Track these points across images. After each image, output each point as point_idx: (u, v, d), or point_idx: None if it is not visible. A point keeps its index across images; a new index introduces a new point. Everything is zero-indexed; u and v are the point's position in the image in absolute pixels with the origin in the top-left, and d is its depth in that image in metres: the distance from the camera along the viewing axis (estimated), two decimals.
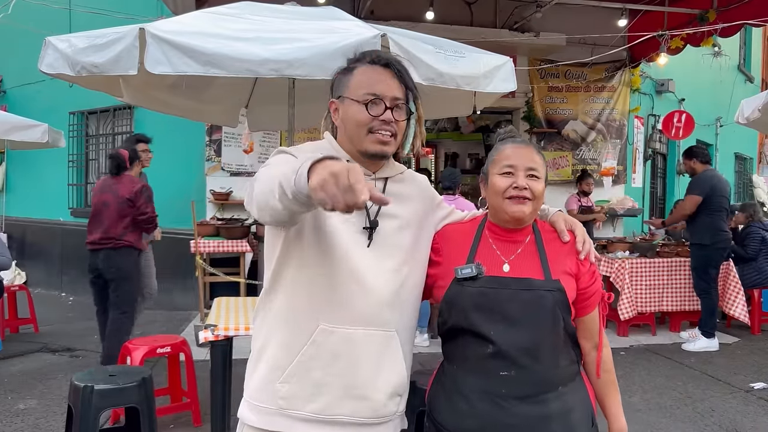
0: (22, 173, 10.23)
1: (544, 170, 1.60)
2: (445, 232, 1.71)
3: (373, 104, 1.50)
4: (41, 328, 6.51)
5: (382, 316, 1.54)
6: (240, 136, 7.24)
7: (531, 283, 1.53)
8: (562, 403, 1.53)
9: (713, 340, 5.97)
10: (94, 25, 4.71)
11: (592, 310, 1.63)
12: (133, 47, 3.34)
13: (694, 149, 6.29)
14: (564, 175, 8.75)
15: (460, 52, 3.90)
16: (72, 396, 2.87)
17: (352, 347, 1.51)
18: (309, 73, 3.30)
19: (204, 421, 3.86)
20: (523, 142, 1.66)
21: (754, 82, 15.36)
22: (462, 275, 1.55)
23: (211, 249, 6.18)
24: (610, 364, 1.68)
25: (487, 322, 1.52)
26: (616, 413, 1.68)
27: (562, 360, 1.56)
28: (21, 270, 9.32)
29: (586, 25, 7.76)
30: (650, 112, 10.27)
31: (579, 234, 1.64)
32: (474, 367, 1.56)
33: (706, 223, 5.92)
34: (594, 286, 1.61)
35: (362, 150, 1.54)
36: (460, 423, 1.55)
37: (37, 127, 6.31)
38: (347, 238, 1.51)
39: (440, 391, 1.63)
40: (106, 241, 4.74)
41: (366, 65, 1.55)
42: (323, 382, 1.51)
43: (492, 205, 1.63)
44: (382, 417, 1.57)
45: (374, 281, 1.52)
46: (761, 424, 4.13)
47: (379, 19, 6.86)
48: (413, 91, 1.55)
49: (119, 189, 4.75)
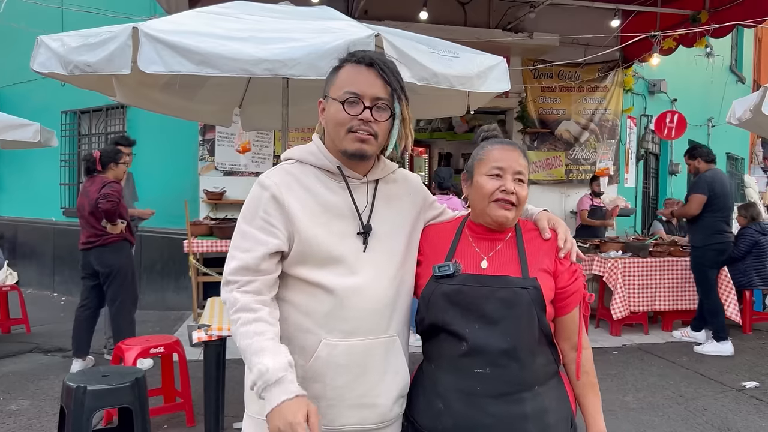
0: (13, 173, 10.17)
1: (528, 173, 1.60)
2: (427, 232, 1.70)
3: (352, 103, 1.48)
4: (33, 328, 6.48)
5: (384, 323, 1.54)
6: (234, 135, 7.23)
7: (507, 281, 1.51)
8: (538, 402, 1.51)
9: (725, 344, 5.79)
10: (87, 24, 4.69)
11: (572, 310, 1.59)
12: (126, 46, 3.32)
13: (697, 149, 6.15)
14: (557, 175, 8.78)
15: (453, 52, 3.90)
16: (65, 396, 2.85)
17: (357, 358, 1.50)
18: (303, 73, 3.29)
19: (197, 421, 3.86)
20: (510, 142, 1.63)
21: (745, 83, 15.46)
22: (439, 273, 1.54)
23: (204, 249, 6.16)
24: (590, 366, 1.64)
25: (462, 320, 1.51)
26: (594, 416, 1.63)
27: (538, 359, 1.53)
28: (13, 270, 9.28)
29: (579, 26, 7.79)
30: (643, 112, 10.33)
31: (561, 232, 1.62)
32: (449, 365, 1.55)
33: (702, 224, 5.89)
34: (573, 286, 1.57)
35: (342, 149, 1.52)
36: (436, 422, 1.53)
37: (29, 126, 6.26)
38: (342, 249, 1.50)
39: (418, 390, 1.62)
40: (94, 239, 4.89)
41: (351, 65, 1.53)
42: (329, 396, 1.50)
43: (475, 206, 1.61)
44: (388, 421, 1.58)
45: (374, 290, 1.52)
46: (753, 422, 4.15)
47: (372, 19, 6.87)
48: (398, 91, 1.52)
49: (90, 192, 4.86)
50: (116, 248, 4.94)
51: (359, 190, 1.57)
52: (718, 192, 5.80)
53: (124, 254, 5.01)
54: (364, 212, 1.55)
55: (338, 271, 1.49)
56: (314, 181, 1.54)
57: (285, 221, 1.47)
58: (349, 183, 1.55)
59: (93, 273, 4.96)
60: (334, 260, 1.49)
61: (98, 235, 4.87)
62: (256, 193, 1.51)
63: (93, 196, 4.79)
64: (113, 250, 4.92)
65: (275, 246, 1.47)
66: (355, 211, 1.54)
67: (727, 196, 5.90)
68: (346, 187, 1.55)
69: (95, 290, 5.03)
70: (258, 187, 1.52)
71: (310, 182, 1.53)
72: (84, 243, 4.93)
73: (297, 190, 1.51)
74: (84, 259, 4.98)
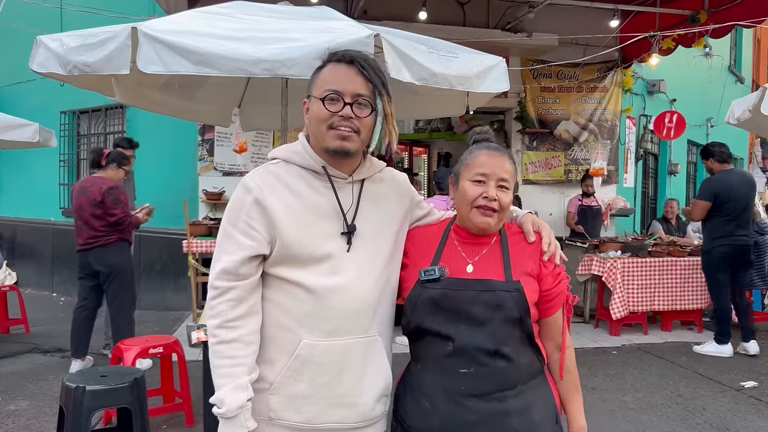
0: (12, 173, 10.16)
1: (514, 179, 1.61)
2: (413, 234, 1.72)
3: (332, 100, 1.49)
4: (32, 328, 6.47)
5: (365, 323, 1.54)
6: (233, 135, 7.23)
7: (491, 284, 1.53)
8: (521, 400, 1.53)
9: (724, 347, 5.77)
10: (86, 24, 4.69)
11: (556, 312, 1.62)
12: (126, 46, 3.32)
13: (709, 147, 5.95)
14: (556, 175, 8.78)
15: (453, 52, 3.90)
16: (63, 397, 2.85)
17: (337, 357, 1.52)
18: (302, 73, 3.29)
19: (196, 421, 3.86)
20: (498, 148, 1.64)
21: (744, 83, 15.47)
22: (425, 277, 1.56)
23: (203, 249, 6.16)
24: (573, 366, 1.68)
25: (447, 322, 1.53)
26: (576, 414, 1.67)
27: (522, 359, 1.56)
28: (12, 270, 9.26)
29: (578, 26, 7.79)
30: (642, 112, 10.33)
31: (545, 235, 1.63)
32: (435, 365, 1.57)
33: (708, 227, 5.85)
34: (557, 288, 1.60)
35: (324, 147, 1.53)
36: (423, 422, 1.55)
37: (28, 126, 6.25)
38: (325, 249, 1.51)
39: (406, 390, 1.63)
40: (93, 240, 4.89)
41: (332, 64, 1.55)
42: (310, 394, 1.52)
43: (459, 211, 1.63)
44: (370, 420, 1.59)
45: (357, 290, 1.52)
46: (751, 422, 4.16)
47: (372, 19, 6.87)
48: (379, 88, 1.52)
49: (90, 192, 4.86)
50: (116, 248, 4.96)
51: (344, 190, 1.58)
52: (723, 197, 5.65)
53: (124, 254, 5.03)
54: (348, 212, 1.56)
55: (320, 271, 1.50)
56: (299, 181, 1.55)
57: (267, 225, 1.49)
58: (334, 183, 1.56)
59: (91, 273, 4.96)
60: (317, 260, 1.51)
61: (98, 236, 4.88)
62: (240, 196, 1.53)
63: (94, 197, 4.81)
64: (113, 250, 4.94)
65: (254, 250, 1.49)
66: (340, 211, 1.55)
67: (737, 199, 5.67)
68: (331, 186, 1.56)
69: (93, 290, 5.04)
70: (242, 189, 1.53)
71: (294, 182, 1.54)
72: (83, 244, 4.92)
73: (280, 191, 1.52)
74: (82, 260, 4.97)
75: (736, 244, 5.74)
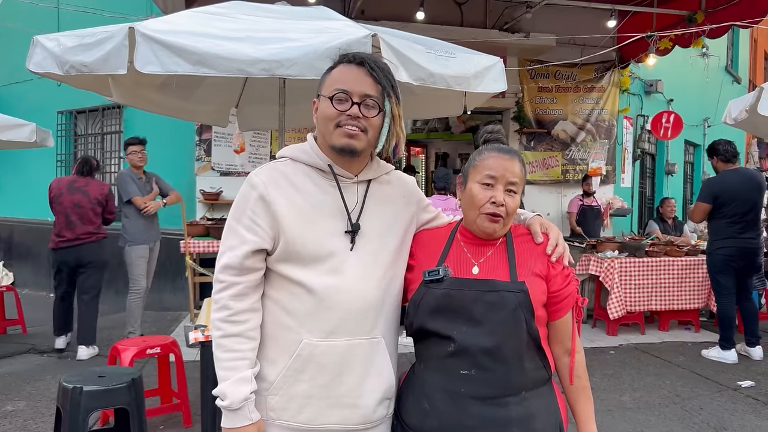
0: (9, 173, 10.14)
1: (523, 183, 1.59)
2: (420, 237, 1.71)
3: (340, 99, 1.50)
4: (29, 329, 6.47)
5: (368, 324, 1.54)
6: (230, 135, 7.22)
7: (495, 285, 1.51)
8: (524, 408, 1.50)
9: (728, 353, 5.58)
10: (83, 24, 4.68)
11: (565, 314, 1.59)
12: (123, 46, 3.31)
13: (714, 146, 5.75)
14: (554, 175, 8.80)
15: (450, 53, 3.90)
16: (61, 397, 2.85)
17: (339, 358, 1.51)
18: (300, 73, 3.29)
19: (194, 421, 3.85)
20: (508, 150, 1.61)
21: (741, 83, 15.51)
22: (429, 277, 1.55)
23: (201, 249, 6.15)
24: (583, 371, 1.64)
25: (450, 323, 1.52)
26: (586, 420, 1.63)
27: (527, 363, 1.52)
28: (8, 270, 9.24)
29: (575, 26, 7.81)
30: (639, 112, 10.36)
31: (553, 236, 1.62)
32: (436, 365, 1.55)
33: (711, 228, 5.76)
34: (566, 290, 1.57)
35: (331, 145, 1.53)
36: (423, 422, 1.54)
37: (24, 126, 6.23)
38: (328, 248, 1.51)
39: (408, 390, 1.62)
40: (87, 236, 5.45)
41: (343, 65, 1.56)
42: (310, 394, 1.51)
43: (466, 213, 1.62)
44: (371, 422, 1.58)
45: (359, 290, 1.52)
46: (749, 422, 4.16)
47: (369, 19, 6.87)
48: (387, 89, 1.54)
49: (90, 191, 5.50)
50: (104, 244, 5.61)
51: (350, 190, 1.58)
52: (724, 199, 5.50)
53: (107, 249, 5.69)
54: (353, 211, 1.56)
55: (322, 270, 1.50)
56: (304, 179, 1.56)
57: (271, 221, 1.50)
58: (340, 182, 1.56)
59: (74, 267, 5.45)
60: (320, 259, 1.51)
61: (92, 232, 5.44)
62: (245, 192, 1.55)
63: (95, 196, 5.45)
64: (102, 245, 5.60)
65: (257, 244, 1.50)
66: (345, 210, 1.55)
67: (740, 200, 5.48)
68: (336, 185, 1.56)
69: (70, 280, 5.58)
70: (247, 186, 1.55)
71: (299, 180, 1.55)
72: (73, 239, 5.39)
73: (285, 188, 1.53)
74: (69, 255, 5.43)
75: (740, 246, 5.54)
